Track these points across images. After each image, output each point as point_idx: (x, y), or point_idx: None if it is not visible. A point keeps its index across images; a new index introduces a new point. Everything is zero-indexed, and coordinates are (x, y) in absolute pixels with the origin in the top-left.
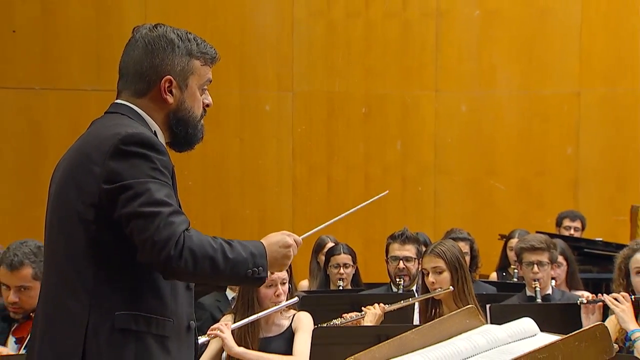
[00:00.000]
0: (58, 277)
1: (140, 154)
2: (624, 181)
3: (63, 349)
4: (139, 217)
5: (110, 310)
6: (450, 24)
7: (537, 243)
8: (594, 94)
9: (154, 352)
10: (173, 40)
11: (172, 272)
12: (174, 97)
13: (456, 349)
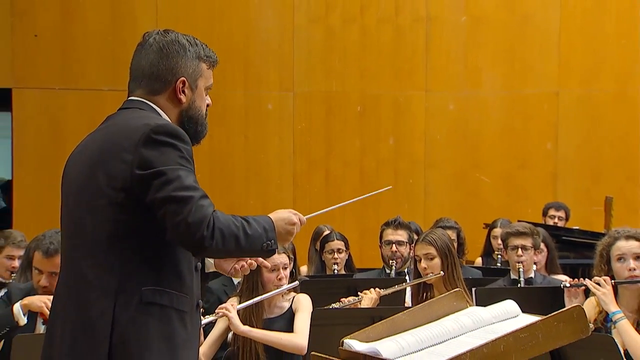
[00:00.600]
0: (87, 256)
1: (170, 143)
2: (599, 174)
3: (88, 320)
4: (172, 201)
5: (138, 286)
6: (439, 29)
7: (522, 228)
8: (571, 94)
9: (175, 325)
10: (185, 45)
11: (205, 250)
12: (186, 97)
13: (444, 329)
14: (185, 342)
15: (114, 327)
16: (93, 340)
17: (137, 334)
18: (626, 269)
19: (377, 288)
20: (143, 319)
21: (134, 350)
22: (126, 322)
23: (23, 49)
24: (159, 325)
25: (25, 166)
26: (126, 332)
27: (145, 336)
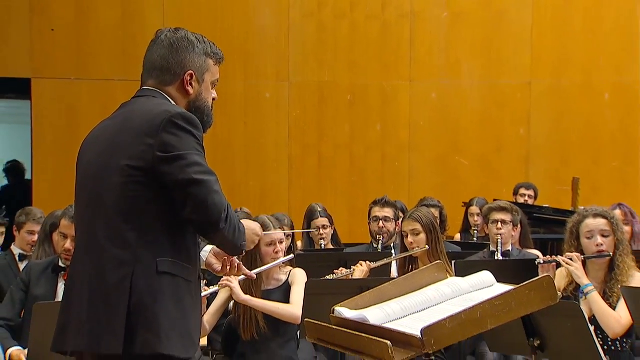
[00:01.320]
0: (105, 229)
1: (188, 130)
2: (566, 157)
3: (108, 286)
4: (194, 183)
5: (153, 257)
6: (422, 25)
7: (504, 204)
8: (542, 84)
9: (184, 293)
10: (193, 42)
11: (217, 232)
12: (194, 89)
13: (426, 297)
14: (193, 309)
15: (131, 295)
16: (111, 307)
17: (153, 300)
18: (594, 245)
19: (368, 261)
20: (158, 286)
21: (149, 314)
22: (142, 290)
23: (41, 42)
24: (171, 292)
25: (43, 149)
26: (143, 299)
27: (161, 302)
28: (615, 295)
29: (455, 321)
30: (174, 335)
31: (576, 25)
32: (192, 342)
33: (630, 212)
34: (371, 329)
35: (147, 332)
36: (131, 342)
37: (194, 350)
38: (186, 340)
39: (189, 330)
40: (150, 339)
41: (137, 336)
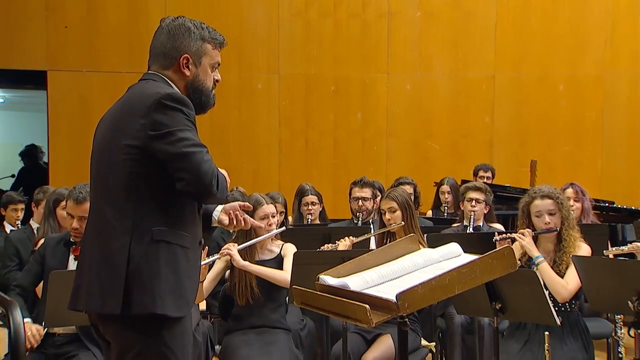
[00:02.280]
0: (109, 202)
1: (177, 108)
2: (526, 142)
3: (110, 253)
4: (185, 155)
5: (149, 226)
6: (399, 23)
7: (479, 185)
8: (505, 77)
9: (179, 258)
10: (190, 28)
11: (208, 195)
12: (190, 71)
13: (401, 266)
14: (188, 272)
15: (129, 260)
16: (113, 270)
17: (149, 265)
18: (542, 223)
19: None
20: (153, 253)
21: (145, 278)
22: (139, 256)
23: (56, 38)
24: (166, 258)
25: (58, 135)
26: (139, 264)
27: (156, 267)
28: (563, 264)
29: (427, 287)
30: (167, 297)
31: (534, 25)
32: (185, 302)
33: (580, 191)
34: (352, 295)
35: (143, 295)
36: (128, 303)
37: (188, 309)
38: (180, 301)
39: (183, 292)
40: (145, 301)
41: (133, 298)
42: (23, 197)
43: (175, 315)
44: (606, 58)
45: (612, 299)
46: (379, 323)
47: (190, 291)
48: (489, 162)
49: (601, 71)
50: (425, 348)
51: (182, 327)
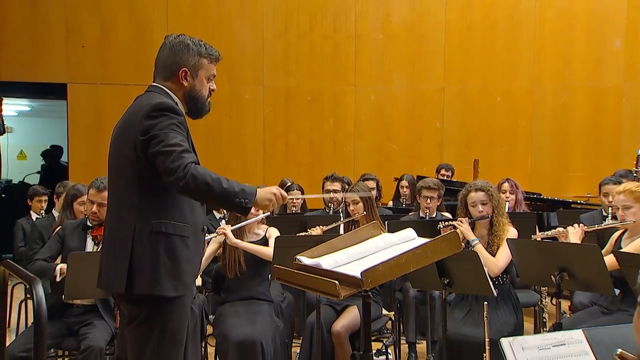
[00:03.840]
0: (117, 199)
1: (163, 115)
2: (470, 144)
3: (118, 243)
4: (161, 153)
5: (149, 219)
6: (364, 44)
7: (433, 185)
8: (452, 89)
9: (177, 247)
10: (189, 45)
11: (179, 189)
12: (188, 82)
13: (365, 248)
14: (188, 257)
15: (133, 249)
16: (119, 258)
17: (149, 253)
18: (477, 211)
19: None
20: (153, 243)
21: (145, 264)
22: (140, 245)
23: (74, 55)
24: (164, 247)
25: (76, 138)
26: (141, 252)
27: (155, 255)
28: (495, 245)
29: (386, 266)
30: (165, 281)
31: (476, 46)
32: (183, 283)
33: (514, 184)
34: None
35: (143, 278)
36: (131, 285)
37: (186, 289)
38: (177, 282)
39: (181, 275)
40: (145, 283)
41: (135, 281)
42: (46, 190)
43: (172, 295)
44: (534, 75)
45: (539, 274)
46: (346, 296)
47: (189, 274)
48: (439, 161)
49: (530, 85)
50: (386, 317)
51: (181, 301)
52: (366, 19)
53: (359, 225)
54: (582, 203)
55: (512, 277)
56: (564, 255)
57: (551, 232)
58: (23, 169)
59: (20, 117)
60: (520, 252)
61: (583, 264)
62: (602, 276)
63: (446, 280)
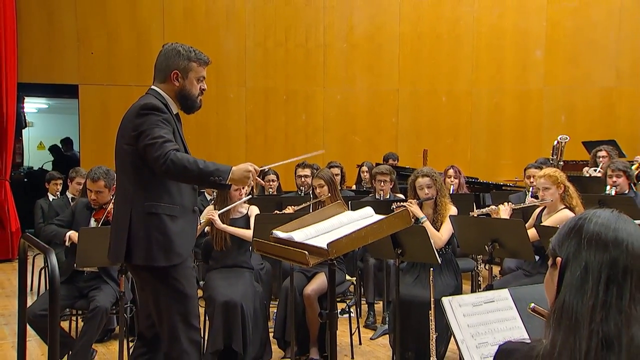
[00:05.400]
0: (119, 186)
1: (148, 113)
2: (420, 137)
3: (120, 222)
4: (148, 145)
5: (142, 202)
6: (331, 51)
7: (385, 170)
8: (405, 90)
9: (167, 224)
10: (179, 51)
11: (161, 173)
12: (179, 83)
13: (331, 223)
14: (178, 233)
15: (130, 227)
16: (120, 235)
17: (143, 231)
18: (423, 194)
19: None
20: (146, 221)
21: (140, 241)
22: (136, 224)
23: (85, 60)
24: (156, 224)
25: (87, 131)
26: (137, 230)
27: (148, 231)
28: (439, 222)
29: (349, 238)
30: (157, 252)
31: (425, 54)
32: (176, 254)
33: (458, 170)
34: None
35: (139, 251)
36: (130, 257)
37: (180, 258)
38: (169, 254)
39: (172, 247)
40: (141, 255)
41: (133, 253)
42: (61, 175)
43: (163, 265)
44: (473, 79)
45: (475, 245)
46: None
47: (180, 246)
48: (395, 152)
49: (470, 88)
50: (349, 281)
51: (184, 267)
52: (333, 31)
53: (325, 205)
54: (511, 186)
55: (454, 247)
56: (495, 228)
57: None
58: (42, 157)
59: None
60: (460, 226)
61: (510, 235)
62: (525, 245)
63: (399, 250)
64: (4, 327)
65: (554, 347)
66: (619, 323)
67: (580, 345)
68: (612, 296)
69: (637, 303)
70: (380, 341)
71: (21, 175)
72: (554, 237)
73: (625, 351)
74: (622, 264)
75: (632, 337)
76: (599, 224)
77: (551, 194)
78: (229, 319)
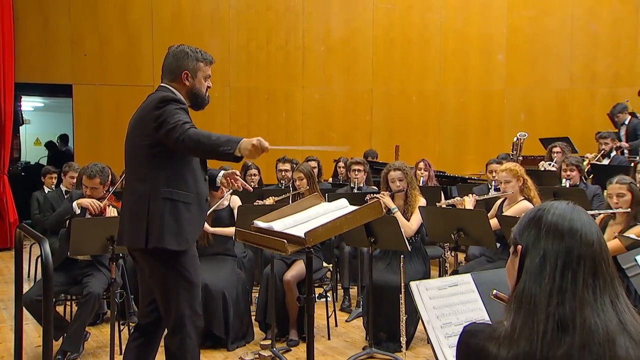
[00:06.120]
0: (134, 174)
1: (169, 103)
2: (392, 134)
3: (139, 208)
4: (169, 130)
5: (159, 188)
6: (310, 53)
7: (359, 160)
8: (379, 90)
9: (181, 210)
10: (188, 53)
11: (179, 149)
12: (190, 82)
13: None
14: (190, 220)
15: (148, 212)
16: (138, 221)
17: (159, 216)
18: (395, 186)
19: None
20: (162, 207)
21: (156, 225)
22: (154, 209)
23: (78, 62)
24: (170, 210)
25: (80, 128)
26: (154, 216)
27: (163, 217)
28: (409, 212)
29: (325, 227)
30: (170, 237)
31: (397, 57)
32: (185, 239)
33: (428, 164)
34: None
35: (155, 235)
36: (147, 241)
37: (188, 244)
38: (179, 238)
39: (182, 233)
40: (156, 239)
41: (150, 237)
42: (56, 169)
43: (174, 249)
44: (440, 80)
45: (442, 233)
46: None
47: (190, 232)
48: (369, 147)
49: (438, 88)
50: (325, 268)
51: (191, 254)
52: (311, 35)
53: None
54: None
55: (422, 236)
56: (460, 218)
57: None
58: (38, 153)
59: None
60: (428, 216)
61: (474, 225)
62: (487, 234)
63: (372, 239)
64: (3, 311)
65: (514, 329)
66: (573, 307)
67: (538, 327)
68: (567, 282)
69: (590, 288)
70: (354, 323)
71: (19, 169)
72: (516, 227)
73: (579, 332)
74: (577, 252)
75: (584, 319)
76: (556, 214)
77: (511, 187)
78: (209, 304)
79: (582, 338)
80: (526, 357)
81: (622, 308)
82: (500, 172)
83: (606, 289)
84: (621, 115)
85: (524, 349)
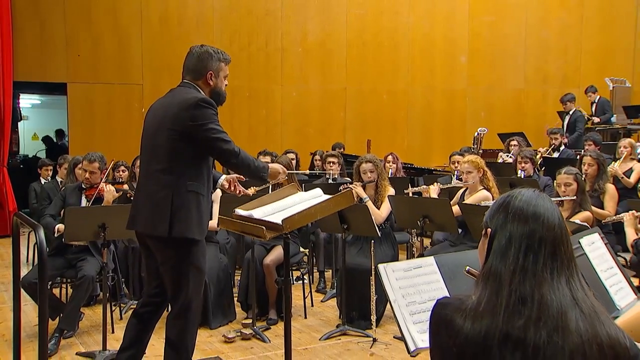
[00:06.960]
0: (157, 165)
1: (208, 107)
2: (365, 129)
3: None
4: (215, 139)
5: (184, 181)
6: (288, 55)
7: (334, 153)
8: (352, 89)
9: (201, 202)
10: (211, 54)
11: (228, 164)
12: (213, 82)
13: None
14: (205, 211)
15: (172, 203)
16: (162, 210)
17: (184, 207)
18: (366, 177)
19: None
20: (187, 198)
21: (181, 215)
22: (178, 201)
23: (72, 62)
24: (193, 202)
25: (75, 124)
26: (179, 206)
27: (188, 208)
28: (379, 201)
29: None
30: (193, 226)
31: (370, 58)
32: (202, 230)
33: (396, 157)
34: (255, 220)
35: (180, 224)
36: (171, 229)
37: (203, 234)
38: (200, 228)
39: (202, 224)
40: (181, 228)
41: (174, 226)
42: (51, 162)
43: (198, 238)
44: (409, 80)
45: (409, 220)
46: (271, 238)
47: (206, 223)
48: (342, 142)
49: (406, 87)
50: (302, 253)
51: (203, 245)
52: (289, 37)
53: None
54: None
55: (392, 222)
56: (425, 206)
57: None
58: (35, 146)
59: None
60: (397, 205)
61: (438, 212)
62: (450, 220)
63: (345, 226)
64: (4, 293)
65: (480, 303)
66: (533, 284)
67: (501, 302)
68: (529, 262)
69: (548, 268)
70: (329, 303)
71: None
72: (487, 211)
73: (536, 306)
74: (539, 235)
75: (542, 295)
76: (522, 200)
77: (472, 177)
78: None
79: (539, 311)
80: (489, 328)
81: (576, 286)
82: (463, 164)
83: (563, 269)
84: (569, 103)
85: (487, 321)
